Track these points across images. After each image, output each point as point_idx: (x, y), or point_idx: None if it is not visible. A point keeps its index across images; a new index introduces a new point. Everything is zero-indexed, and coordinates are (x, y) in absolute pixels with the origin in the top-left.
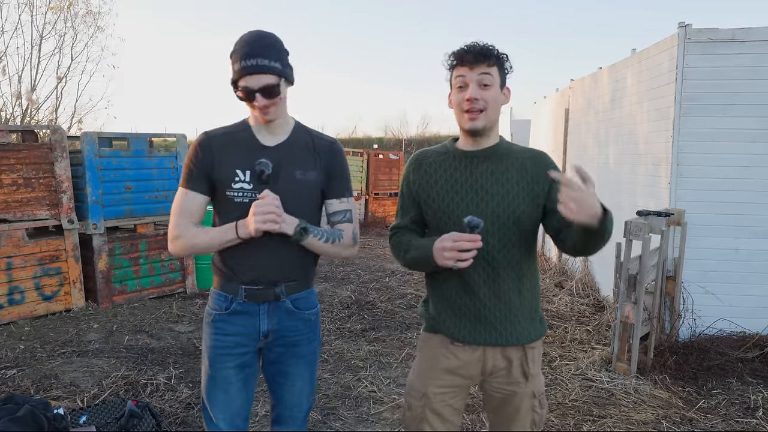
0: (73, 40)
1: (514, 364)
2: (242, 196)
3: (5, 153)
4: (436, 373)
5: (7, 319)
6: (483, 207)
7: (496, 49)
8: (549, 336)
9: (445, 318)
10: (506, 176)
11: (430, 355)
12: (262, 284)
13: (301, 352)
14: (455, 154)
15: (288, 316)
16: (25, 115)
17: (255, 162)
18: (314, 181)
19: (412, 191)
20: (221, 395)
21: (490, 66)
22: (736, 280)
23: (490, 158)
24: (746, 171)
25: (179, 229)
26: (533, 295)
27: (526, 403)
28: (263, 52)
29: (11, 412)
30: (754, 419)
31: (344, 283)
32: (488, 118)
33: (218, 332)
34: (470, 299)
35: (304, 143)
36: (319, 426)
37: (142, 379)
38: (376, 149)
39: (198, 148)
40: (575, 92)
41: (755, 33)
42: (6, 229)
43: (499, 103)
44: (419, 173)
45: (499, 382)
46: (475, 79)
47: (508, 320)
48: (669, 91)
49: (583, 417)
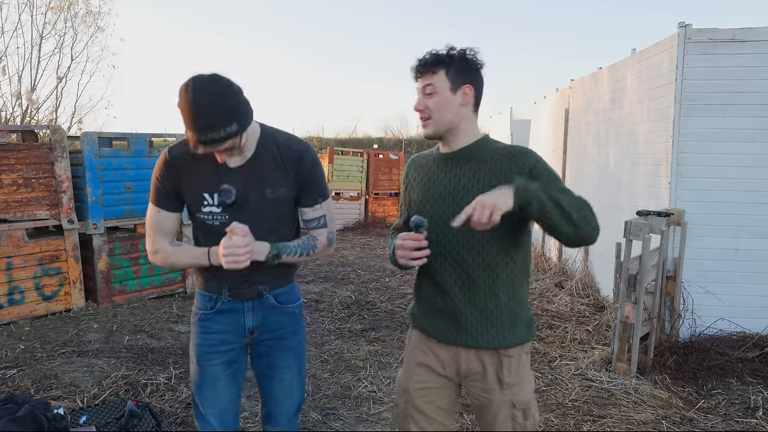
0: (73, 40)
1: (489, 370)
2: (212, 219)
3: (5, 153)
4: (414, 368)
5: (7, 319)
6: (455, 207)
7: (446, 52)
8: (549, 336)
9: (422, 315)
10: (478, 176)
11: (409, 351)
12: (245, 283)
13: (288, 345)
14: (436, 157)
15: (272, 311)
16: (25, 115)
17: (218, 189)
18: (284, 196)
19: (405, 193)
20: (209, 392)
21: (433, 74)
22: (736, 280)
23: (463, 159)
24: (746, 171)
25: (157, 245)
26: (514, 300)
27: (504, 413)
28: (215, 123)
29: (11, 412)
30: (754, 419)
31: (344, 283)
32: (436, 124)
33: (204, 331)
34: (442, 299)
35: (271, 158)
36: (319, 426)
37: (142, 379)
38: (376, 149)
39: (163, 168)
40: (575, 92)
41: (755, 33)
42: (6, 229)
43: (448, 105)
44: (409, 176)
45: (475, 386)
46: (420, 89)
47: (480, 323)
48: (669, 91)
49: (583, 417)
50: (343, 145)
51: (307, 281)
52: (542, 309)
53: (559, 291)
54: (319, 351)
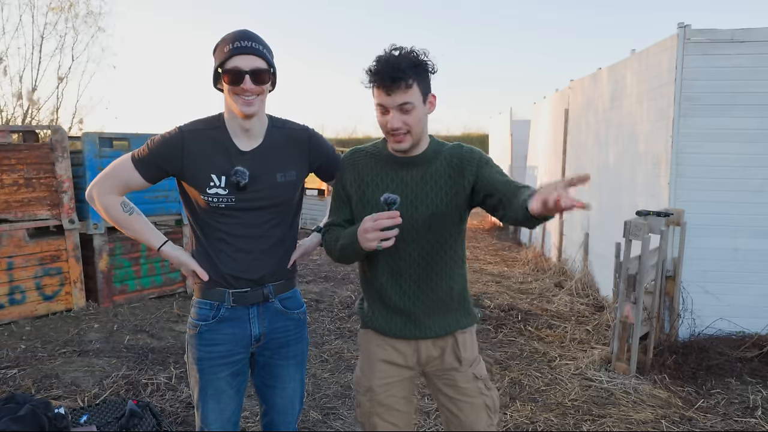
0: (74, 41)
1: (447, 351)
2: (218, 201)
3: (6, 153)
4: (376, 365)
5: (8, 318)
6: (412, 211)
7: (413, 59)
8: (548, 336)
9: (378, 316)
10: (434, 179)
11: (369, 350)
12: (249, 286)
13: (291, 353)
14: (387, 159)
15: (278, 316)
16: (26, 115)
17: (231, 170)
18: (294, 181)
19: (347, 190)
20: (214, 405)
21: (408, 88)
22: (735, 279)
23: (419, 164)
24: (745, 171)
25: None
26: (463, 287)
27: (471, 385)
28: (255, 38)
29: (12, 411)
30: (753, 419)
31: (344, 283)
32: (414, 138)
33: (206, 343)
34: (400, 299)
35: (282, 142)
36: (319, 426)
37: (143, 378)
38: None
39: (168, 140)
40: (575, 92)
41: (754, 34)
42: (7, 229)
43: (423, 120)
44: (353, 173)
45: (435, 367)
46: (395, 106)
47: (437, 315)
48: (668, 91)
49: (582, 416)
50: (343, 145)
51: (307, 281)
52: (542, 309)
53: (558, 291)
54: (319, 351)
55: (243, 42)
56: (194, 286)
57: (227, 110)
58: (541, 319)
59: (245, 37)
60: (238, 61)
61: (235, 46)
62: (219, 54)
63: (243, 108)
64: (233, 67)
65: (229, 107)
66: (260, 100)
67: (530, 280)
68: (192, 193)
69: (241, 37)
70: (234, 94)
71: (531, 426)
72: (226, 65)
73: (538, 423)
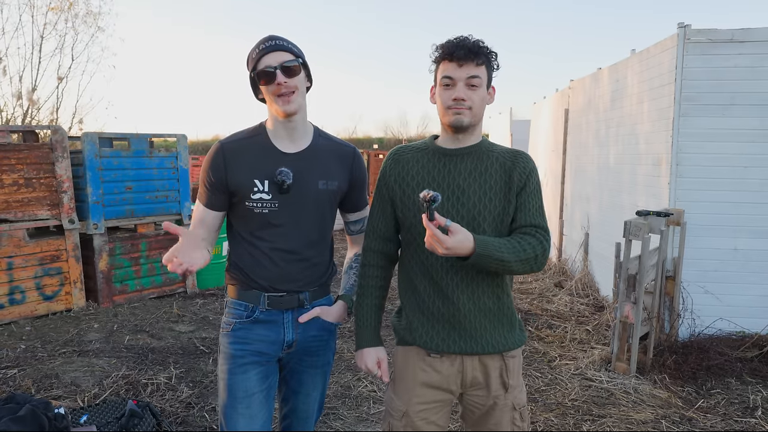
0: (74, 41)
1: (493, 375)
2: (261, 207)
3: (6, 153)
4: (415, 389)
5: (8, 318)
6: (459, 206)
7: (486, 46)
8: (548, 336)
9: (418, 326)
10: (485, 176)
11: (407, 371)
12: (285, 291)
13: (318, 362)
14: (435, 152)
15: (312, 324)
16: (26, 115)
17: (275, 171)
18: (335, 191)
19: (389, 185)
20: (243, 410)
21: (478, 65)
22: (735, 279)
23: (470, 157)
24: (745, 171)
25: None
26: (510, 299)
27: (507, 417)
28: (279, 37)
29: (12, 411)
30: (753, 419)
31: None
32: (474, 117)
33: (238, 341)
34: (443, 304)
35: (327, 151)
36: (319, 426)
37: (143, 378)
38: (376, 149)
39: (213, 157)
40: (575, 92)
41: (754, 34)
42: (7, 229)
43: (484, 103)
44: (397, 168)
45: (478, 395)
46: (464, 78)
47: (484, 327)
48: (669, 91)
49: (582, 416)
50: None
51: None
52: (542, 309)
53: (558, 291)
54: None
55: (268, 42)
56: (229, 287)
57: (270, 117)
58: (541, 319)
59: (270, 38)
60: (267, 60)
61: (261, 48)
62: (250, 61)
63: (283, 107)
64: (264, 66)
65: (271, 113)
66: (298, 96)
67: (530, 280)
68: (237, 199)
69: (267, 39)
70: (273, 96)
71: (531, 426)
72: (258, 67)
73: (538, 423)
